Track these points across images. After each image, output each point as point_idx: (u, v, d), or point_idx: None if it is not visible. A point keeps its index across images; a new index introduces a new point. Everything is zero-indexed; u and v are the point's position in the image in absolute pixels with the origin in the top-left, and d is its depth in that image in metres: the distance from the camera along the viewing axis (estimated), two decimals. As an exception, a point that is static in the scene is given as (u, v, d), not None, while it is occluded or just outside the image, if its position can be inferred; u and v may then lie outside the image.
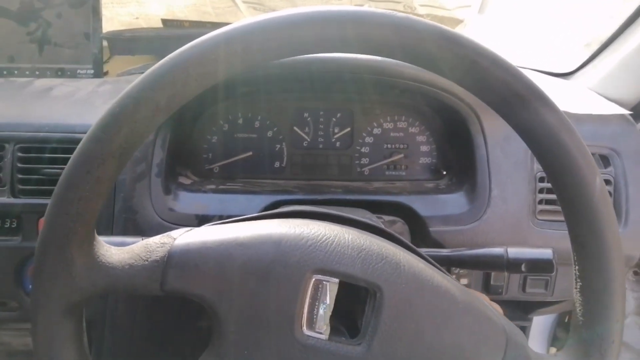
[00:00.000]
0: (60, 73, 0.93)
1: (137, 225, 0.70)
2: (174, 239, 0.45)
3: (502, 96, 0.43)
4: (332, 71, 0.74)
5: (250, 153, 0.86)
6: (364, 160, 0.87)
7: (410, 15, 0.42)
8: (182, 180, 0.80)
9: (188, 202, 0.75)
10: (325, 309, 0.43)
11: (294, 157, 0.87)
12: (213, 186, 0.80)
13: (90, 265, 0.42)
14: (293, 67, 0.74)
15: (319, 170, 0.87)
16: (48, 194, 0.71)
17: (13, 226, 0.70)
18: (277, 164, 0.87)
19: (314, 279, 0.43)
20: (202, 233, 0.45)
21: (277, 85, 0.81)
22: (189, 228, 0.47)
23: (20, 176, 0.70)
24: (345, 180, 0.86)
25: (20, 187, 0.70)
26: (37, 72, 0.93)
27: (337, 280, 0.43)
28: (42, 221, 0.69)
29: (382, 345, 0.42)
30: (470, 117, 0.76)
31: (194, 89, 0.41)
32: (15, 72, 0.93)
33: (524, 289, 0.77)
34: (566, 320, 1.13)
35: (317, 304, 0.43)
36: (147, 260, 0.43)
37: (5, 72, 0.93)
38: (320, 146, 0.87)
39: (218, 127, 0.85)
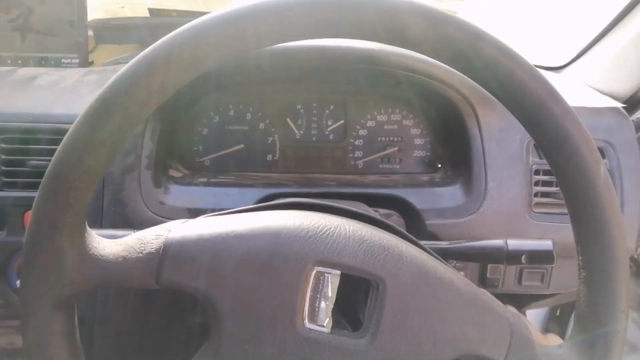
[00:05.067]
0: (44, 62, 0.89)
1: (127, 219, 0.68)
2: (169, 230, 0.43)
3: (505, 84, 0.42)
4: (325, 60, 0.73)
5: (242, 146, 0.84)
6: (358, 153, 0.86)
7: None
8: (173, 173, 0.78)
9: (179, 195, 0.73)
10: (327, 302, 0.42)
11: (286, 150, 0.85)
12: (204, 179, 0.79)
13: (81, 258, 0.40)
14: (285, 56, 0.72)
15: (312, 164, 0.86)
16: (34, 186, 0.68)
17: None
18: (269, 157, 0.85)
19: (315, 271, 0.42)
20: (197, 225, 0.44)
21: (269, 75, 0.79)
22: (183, 220, 0.46)
23: (4, 168, 0.67)
24: (339, 174, 0.84)
25: (5, 179, 0.67)
26: (19, 61, 0.89)
27: (338, 272, 0.42)
28: (28, 215, 0.67)
29: (386, 337, 0.41)
30: (466, 109, 0.76)
31: (189, 74, 0.39)
32: (-3, 61, 0.89)
33: (520, 282, 0.76)
34: (557, 314, 1.14)
35: (318, 296, 0.42)
36: (141, 253, 0.41)
37: (-15, 61, 0.89)
38: (314, 139, 0.86)
39: (209, 119, 0.83)
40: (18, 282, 0.68)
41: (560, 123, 0.42)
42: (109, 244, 0.42)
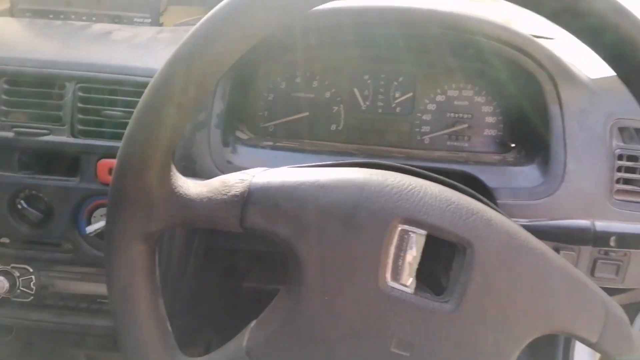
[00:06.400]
0: (117, 20, 0.91)
1: (196, 175, 0.68)
2: (253, 176, 0.42)
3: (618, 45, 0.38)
4: (402, 23, 0.70)
5: (307, 113, 0.83)
6: (425, 129, 0.83)
7: None
8: (239, 134, 0.77)
9: (246, 156, 0.73)
10: (411, 261, 0.40)
11: (351, 121, 0.83)
12: (270, 143, 0.78)
13: (168, 195, 0.40)
14: (358, 17, 0.70)
15: (376, 136, 0.83)
16: (107, 136, 0.70)
17: (71, 167, 0.69)
18: (333, 127, 0.84)
19: (399, 229, 0.40)
20: (280, 173, 0.43)
21: (339, 37, 0.76)
22: (264, 168, 0.45)
23: (80, 116, 0.68)
24: (404, 148, 0.82)
25: (80, 127, 0.68)
26: (94, 18, 0.91)
27: (424, 232, 0.40)
28: (101, 163, 0.68)
29: (472, 304, 0.39)
30: (548, 84, 0.72)
31: (280, 19, 0.38)
32: (72, 16, 0.91)
33: (592, 273, 0.72)
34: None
35: (402, 255, 0.40)
36: (226, 195, 0.40)
37: (62, 17, 0.91)
38: (380, 111, 0.83)
39: (275, 85, 0.82)
40: (87, 229, 0.69)
41: None
42: (193, 184, 0.42)
